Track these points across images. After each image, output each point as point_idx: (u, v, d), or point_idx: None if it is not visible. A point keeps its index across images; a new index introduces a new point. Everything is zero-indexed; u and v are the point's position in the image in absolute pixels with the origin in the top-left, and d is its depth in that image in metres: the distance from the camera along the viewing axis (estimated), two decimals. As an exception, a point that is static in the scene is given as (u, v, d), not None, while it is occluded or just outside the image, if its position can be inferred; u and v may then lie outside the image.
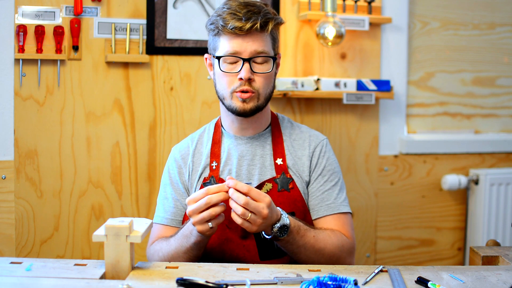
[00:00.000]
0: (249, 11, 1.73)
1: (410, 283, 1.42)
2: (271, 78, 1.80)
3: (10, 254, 2.40)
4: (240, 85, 1.74)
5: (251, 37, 1.73)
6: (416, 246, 2.85)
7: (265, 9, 1.77)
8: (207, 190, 1.55)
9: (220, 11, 1.76)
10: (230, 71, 1.75)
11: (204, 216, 1.54)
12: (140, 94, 2.51)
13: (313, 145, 1.87)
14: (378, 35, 2.72)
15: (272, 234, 1.60)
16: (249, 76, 1.73)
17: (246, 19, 1.71)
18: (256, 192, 1.54)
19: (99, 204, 2.50)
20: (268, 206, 1.54)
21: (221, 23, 1.73)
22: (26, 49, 2.35)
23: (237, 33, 1.72)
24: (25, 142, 2.41)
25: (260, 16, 1.73)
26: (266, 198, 1.54)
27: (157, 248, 1.78)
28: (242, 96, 1.75)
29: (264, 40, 1.75)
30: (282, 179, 1.81)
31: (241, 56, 1.73)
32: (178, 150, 1.92)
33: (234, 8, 1.74)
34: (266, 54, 1.75)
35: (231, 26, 1.71)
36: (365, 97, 2.63)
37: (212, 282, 1.33)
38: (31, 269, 1.44)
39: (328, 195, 1.83)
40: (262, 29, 1.73)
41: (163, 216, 1.86)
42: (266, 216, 1.53)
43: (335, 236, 1.74)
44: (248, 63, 1.73)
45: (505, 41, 2.91)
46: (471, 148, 2.85)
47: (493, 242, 1.77)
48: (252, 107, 1.76)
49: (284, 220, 1.60)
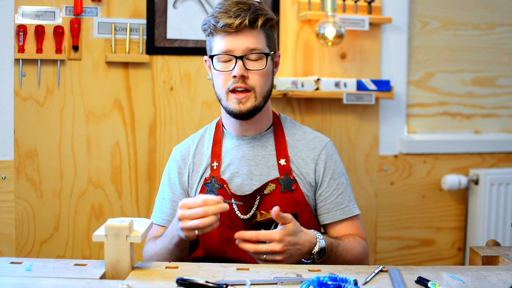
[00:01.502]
0: (239, 9, 1.73)
1: (410, 283, 1.42)
2: (267, 75, 1.78)
3: (10, 254, 2.40)
4: (234, 82, 1.74)
5: (243, 34, 1.73)
6: (416, 246, 2.85)
7: (256, 6, 1.76)
8: (205, 201, 1.53)
9: (213, 11, 1.77)
10: (224, 69, 1.75)
11: (195, 225, 1.52)
12: (140, 94, 2.51)
13: (319, 148, 1.86)
14: (378, 35, 2.72)
15: (312, 259, 1.61)
16: (242, 73, 1.73)
17: (235, 16, 1.72)
18: (264, 235, 1.53)
19: (99, 204, 2.50)
20: (279, 241, 1.53)
21: (212, 22, 1.74)
22: (26, 49, 2.35)
23: (228, 31, 1.73)
24: (25, 142, 2.41)
25: (249, 12, 1.73)
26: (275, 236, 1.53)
27: (147, 247, 1.79)
28: (237, 97, 1.74)
29: (256, 37, 1.75)
30: (286, 180, 1.80)
31: (233, 54, 1.73)
32: (179, 150, 1.91)
33: (225, 7, 1.75)
34: (259, 51, 1.75)
35: (221, 24, 1.72)
36: (365, 97, 2.63)
37: (212, 282, 1.32)
38: (31, 269, 1.44)
39: (342, 199, 1.84)
40: (252, 25, 1.73)
41: (159, 217, 1.86)
42: (281, 250, 1.53)
43: (358, 244, 1.78)
44: (241, 60, 1.73)
45: (505, 41, 2.91)
46: (471, 148, 2.85)
47: (493, 242, 1.77)
48: (250, 108, 1.75)
49: (321, 243, 1.61)
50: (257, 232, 1.54)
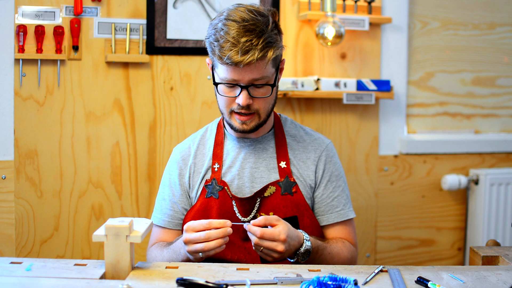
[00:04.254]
0: (248, 40, 1.61)
1: (410, 283, 1.42)
2: (271, 98, 1.75)
3: (10, 254, 2.40)
4: (238, 108, 1.71)
5: (249, 67, 1.65)
6: (416, 246, 2.85)
7: (266, 36, 1.63)
8: (210, 224, 1.55)
9: (218, 35, 1.64)
10: (228, 94, 1.71)
11: (199, 248, 1.55)
12: (140, 94, 2.51)
13: (319, 150, 1.86)
14: (378, 35, 2.72)
15: (296, 258, 1.63)
16: (248, 102, 1.69)
17: (243, 53, 1.60)
18: (270, 233, 1.54)
19: (99, 204, 2.50)
20: (283, 243, 1.55)
21: (218, 52, 1.64)
22: (26, 49, 2.35)
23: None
24: (25, 142, 2.41)
25: (258, 49, 1.61)
26: (281, 236, 1.55)
27: (153, 255, 1.80)
28: (241, 119, 1.73)
29: (263, 68, 1.67)
30: (286, 182, 1.80)
31: (239, 84, 1.68)
32: (179, 151, 1.90)
33: (232, 34, 1.62)
34: (265, 80, 1.69)
35: (228, 60, 1.62)
36: (365, 97, 2.63)
37: (212, 282, 1.32)
38: (31, 269, 1.44)
39: (338, 202, 1.84)
40: (261, 59, 1.65)
41: (160, 218, 1.86)
42: (283, 251, 1.56)
43: (346, 249, 1.78)
44: (246, 90, 1.68)
45: (505, 41, 2.91)
46: (471, 148, 2.85)
47: (493, 242, 1.77)
48: (253, 127, 1.75)
49: (307, 245, 1.62)
50: (263, 229, 1.55)
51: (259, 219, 1.56)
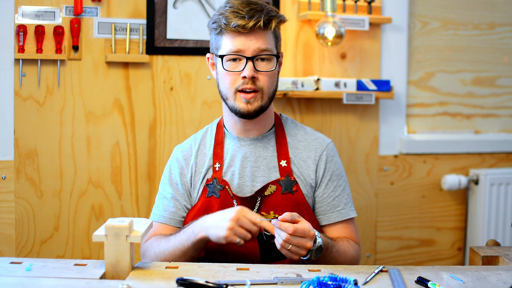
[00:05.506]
0: (252, 9, 1.72)
1: (410, 283, 1.42)
2: (274, 76, 1.80)
3: (10, 254, 2.40)
4: (244, 83, 1.74)
5: (254, 35, 1.73)
6: (416, 246, 2.85)
7: (268, 7, 1.76)
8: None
9: (222, 10, 1.76)
10: (233, 69, 1.75)
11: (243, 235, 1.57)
12: (140, 94, 2.51)
13: (320, 149, 1.87)
14: (378, 35, 2.72)
15: (309, 255, 1.60)
16: (253, 75, 1.73)
17: (249, 17, 1.71)
18: (302, 229, 1.53)
19: (99, 204, 2.50)
20: (311, 239, 1.55)
21: (223, 21, 1.73)
22: (26, 49, 2.35)
23: (240, 31, 1.72)
24: (25, 142, 2.41)
25: (263, 14, 1.73)
26: (311, 232, 1.54)
27: (154, 244, 1.76)
28: (246, 97, 1.74)
29: (267, 38, 1.75)
30: (286, 181, 1.80)
31: (244, 55, 1.73)
32: (181, 150, 1.91)
33: (236, 6, 1.73)
34: (269, 52, 1.75)
35: (234, 24, 1.71)
36: (365, 97, 2.63)
37: (212, 282, 1.33)
38: (31, 269, 1.44)
39: (339, 201, 1.84)
40: (265, 27, 1.73)
41: (160, 214, 1.85)
42: (310, 247, 1.55)
43: (352, 248, 1.78)
44: (252, 61, 1.73)
45: (505, 41, 2.91)
46: (471, 148, 2.85)
47: (493, 242, 1.77)
48: (256, 108, 1.76)
49: (319, 241, 1.61)
50: (295, 226, 1.52)
51: (285, 215, 1.53)
